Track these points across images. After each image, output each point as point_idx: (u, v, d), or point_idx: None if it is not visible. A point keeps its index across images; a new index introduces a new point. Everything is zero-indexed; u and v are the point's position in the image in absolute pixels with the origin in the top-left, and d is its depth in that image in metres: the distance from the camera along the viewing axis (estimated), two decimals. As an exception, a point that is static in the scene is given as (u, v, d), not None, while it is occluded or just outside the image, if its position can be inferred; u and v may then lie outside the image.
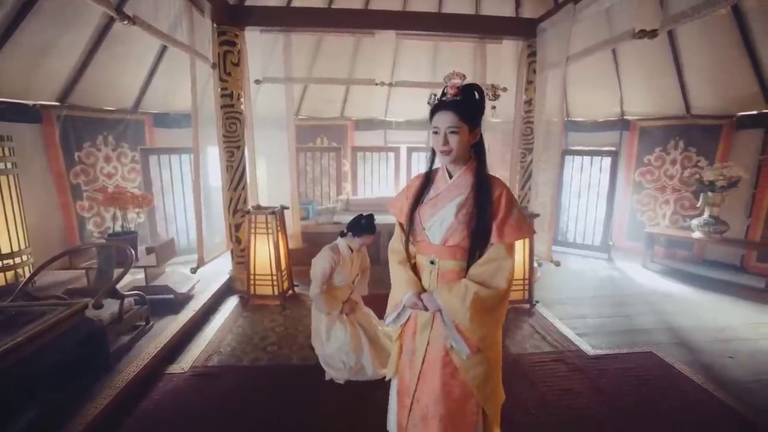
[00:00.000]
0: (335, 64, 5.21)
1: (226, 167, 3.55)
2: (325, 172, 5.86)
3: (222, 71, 3.42)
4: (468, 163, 1.35)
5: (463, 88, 1.29)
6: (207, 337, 2.87)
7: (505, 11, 4.38)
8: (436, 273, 1.38)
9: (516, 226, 1.30)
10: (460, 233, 1.31)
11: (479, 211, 1.29)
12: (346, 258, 2.46)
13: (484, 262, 1.31)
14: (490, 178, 1.34)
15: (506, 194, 1.31)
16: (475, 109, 1.30)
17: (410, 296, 1.37)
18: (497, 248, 1.30)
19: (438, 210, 1.36)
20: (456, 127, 1.26)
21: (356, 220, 2.43)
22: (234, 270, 3.76)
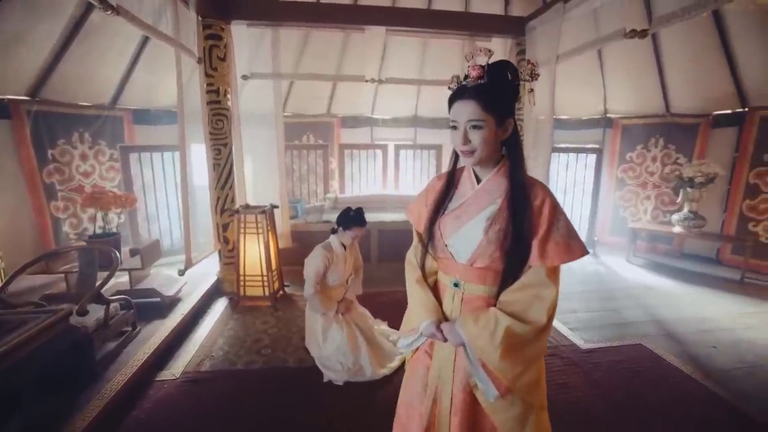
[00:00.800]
0: (322, 61, 5.13)
1: (213, 165, 3.44)
2: (312, 170, 5.78)
3: (208, 66, 3.31)
4: (500, 164, 1.10)
5: (489, 68, 1.01)
6: (197, 341, 2.78)
7: (494, 9, 4.41)
8: (460, 298, 1.15)
9: (563, 245, 1.02)
10: (490, 254, 1.06)
11: (515, 226, 1.03)
12: (340, 256, 2.43)
13: (518, 288, 1.06)
14: (529, 182, 1.07)
15: (550, 203, 1.04)
16: (504, 95, 1.03)
17: (428, 325, 1.15)
18: (536, 272, 1.04)
19: (463, 223, 1.11)
20: (479, 120, 1.00)
21: (344, 213, 2.40)
22: (222, 271, 3.66)
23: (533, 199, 1.05)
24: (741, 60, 3.95)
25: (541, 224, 1.03)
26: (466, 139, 1.03)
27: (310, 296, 2.40)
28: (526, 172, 1.08)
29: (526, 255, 1.04)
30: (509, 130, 1.06)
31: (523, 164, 1.08)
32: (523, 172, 1.07)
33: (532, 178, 1.09)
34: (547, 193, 1.07)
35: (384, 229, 4.49)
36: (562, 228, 1.04)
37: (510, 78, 1.03)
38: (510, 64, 1.04)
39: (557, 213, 1.05)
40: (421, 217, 1.24)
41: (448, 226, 1.14)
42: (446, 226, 1.15)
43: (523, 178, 1.06)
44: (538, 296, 1.03)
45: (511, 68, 1.03)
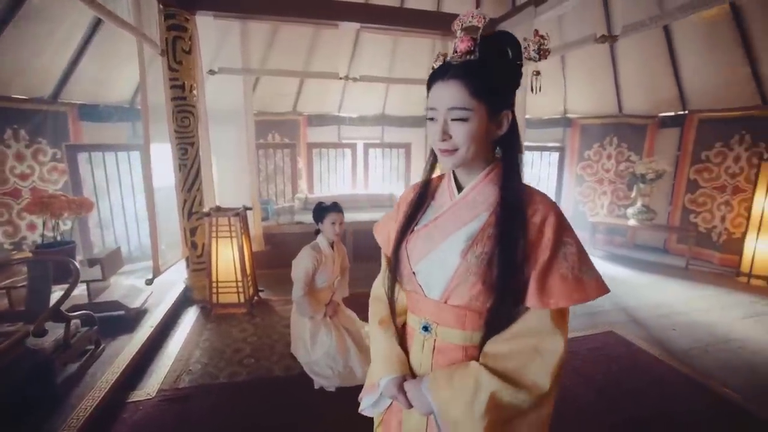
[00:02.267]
0: (290, 57, 4.97)
1: (179, 166, 3.20)
2: (279, 169, 5.59)
3: (171, 59, 3.07)
4: (489, 168, 0.84)
5: (482, 41, 0.76)
6: (171, 355, 2.58)
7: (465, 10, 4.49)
8: (431, 346, 0.87)
9: (572, 279, 0.75)
10: (470, 287, 0.79)
11: (504, 249, 0.76)
12: (328, 257, 2.36)
13: (510, 337, 0.79)
14: (527, 192, 0.81)
15: (554, 220, 0.77)
16: (501, 78, 0.77)
17: (388, 384, 0.88)
18: (537, 315, 0.78)
19: (436, 244, 0.84)
20: (464, 109, 0.75)
21: (316, 206, 2.37)
22: (191, 278, 3.43)
23: (531, 215, 0.77)
24: (684, 67, 4.33)
25: (541, 250, 0.76)
26: (445, 132, 0.78)
27: (299, 299, 2.30)
28: (522, 179, 0.82)
29: (518, 291, 0.77)
30: (504, 125, 0.80)
31: (519, 169, 0.82)
32: (519, 178, 0.81)
33: (532, 187, 0.83)
34: (551, 207, 0.79)
35: (359, 229, 4.43)
36: (571, 256, 0.76)
37: (510, 55, 0.77)
38: (511, 37, 0.79)
39: (565, 234, 0.77)
40: (390, 238, 0.97)
41: (418, 247, 0.87)
42: (414, 248, 0.87)
43: (518, 186, 0.80)
44: (538, 349, 0.76)
45: (512, 42, 0.78)
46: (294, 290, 2.32)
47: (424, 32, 3.87)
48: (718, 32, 3.82)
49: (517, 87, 0.81)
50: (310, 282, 2.33)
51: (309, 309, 2.31)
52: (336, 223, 2.32)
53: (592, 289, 0.76)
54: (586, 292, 0.75)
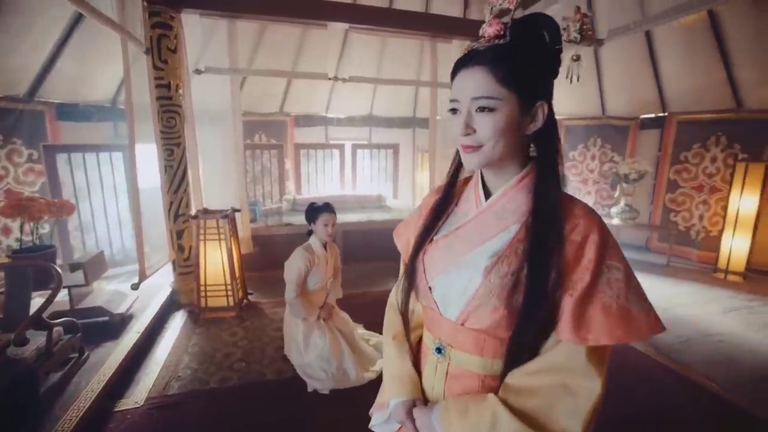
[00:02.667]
0: (277, 57, 4.91)
1: (165, 167, 3.13)
2: (266, 170, 5.52)
3: (156, 58, 3.00)
4: (524, 171, 0.73)
5: (514, 24, 0.68)
6: (159, 361, 2.51)
7: (453, 12, 4.53)
8: (444, 370, 0.78)
9: (617, 311, 0.63)
10: (492, 310, 0.69)
11: (534, 269, 0.66)
12: (321, 257, 2.35)
13: (537, 371, 0.68)
14: (566, 202, 0.70)
15: (597, 238, 0.66)
16: (535, 64, 0.68)
17: (397, 406, 0.82)
18: (570, 350, 0.66)
19: (456, 258, 0.74)
20: (491, 98, 0.66)
21: (309, 206, 2.36)
22: (177, 282, 3.35)
23: (569, 231, 0.66)
24: (664, 71, 4.47)
25: (579, 273, 0.65)
26: (468, 126, 0.68)
27: (292, 300, 2.28)
28: (560, 187, 0.70)
29: (549, 320, 0.66)
30: (540, 118, 0.69)
31: (558, 174, 0.70)
32: (556, 186, 0.70)
33: (572, 197, 0.72)
34: (595, 222, 0.67)
35: (349, 229, 4.42)
36: (617, 282, 0.64)
37: (547, 38, 0.67)
38: (548, 18, 0.68)
39: (610, 256, 0.66)
40: (410, 244, 0.87)
41: (434, 260, 0.78)
42: (432, 259, 0.79)
43: (555, 194, 0.69)
44: (569, 388, 0.65)
45: (549, 24, 0.68)
46: (287, 292, 2.29)
47: (413, 33, 3.88)
48: (696, 38, 3.96)
49: (555, 75, 0.72)
50: (302, 283, 2.31)
51: (302, 310, 2.29)
52: (329, 224, 2.30)
53: (642, 326, 0.63)
54: (634, 328, 0.63)
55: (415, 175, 6.96)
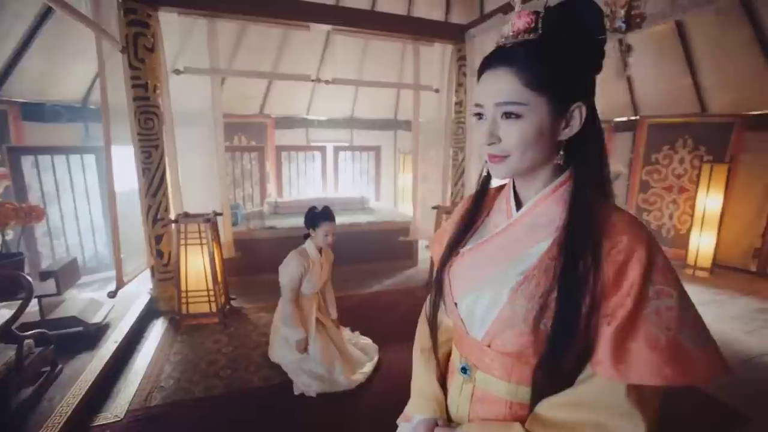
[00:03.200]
0: (258, 58, 4.83)
1: (143, 170, 3.01)
2: (246, 173, 5.41)
3: (133, 57, 2.89)
4: (560, 180, 0.66)
5: (547, 14, 0.59)
6: (139, 371, 2.41)
7: (434, 15, 4.58)
8: (469, 392, 0.73)
9: (665, 347, 0.54)
10: (518, 334, 0.62)
11: (566, 290, 0.58)
12: (316, 262, 2.31)
13: (570, 404, 0.61)
14: (609, 215, 0.61)
15: (644, 258, 0.56)
16: (571, 57, 0.59)
17: (420, 424, 0.78)
18: (609, 386, 0.58)
19: (481, 274, 0.69)
20: (517, 104, 0.59)
21: (310, 211, 2.29)
22: (156, 288, 3.23)
23: (611, 248, 0.58)
24: (636, 76, 4.67)
25: (620, 298, 0.56)
26: (492, 134, 0.62)
27: (288, 308, 2.24)
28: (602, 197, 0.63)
29: (583, 349, 0.59)
30: (576, 121, 0.61)
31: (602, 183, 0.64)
32: (597, 196, 0.62)
33: (617, 208, 0.63)
34: (641, 237, 0.58)
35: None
36: (667, 311, 0.55)
37: (587, 27, 0.59)
38: (589, 5, 0.59)
39: (659, 279, 0.56)
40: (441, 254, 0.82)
41: (460, 275, 0.73)
42: (457, 274, 0.73)
43: (595, 206, 0.61)
44: (607, 430, 0.57)
45: (589, 12, 0.59)
46: (282, 300, 2.26)
47: (395, 36, 3.90)
48: (665, 46, 4.16)
49: (597, 70, 0.63)
50: (296, 289, 2.27)
51: (292, 320, 2.24)
52: (329, 234, 2.25)
53: (699, 365, 0.54)
54: (688, 367, 0.53)
55: (397, 177, 7.00)
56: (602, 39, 0.61)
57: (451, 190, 4.41)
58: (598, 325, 0.57)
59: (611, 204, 0.63)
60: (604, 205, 0.62)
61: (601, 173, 0.64)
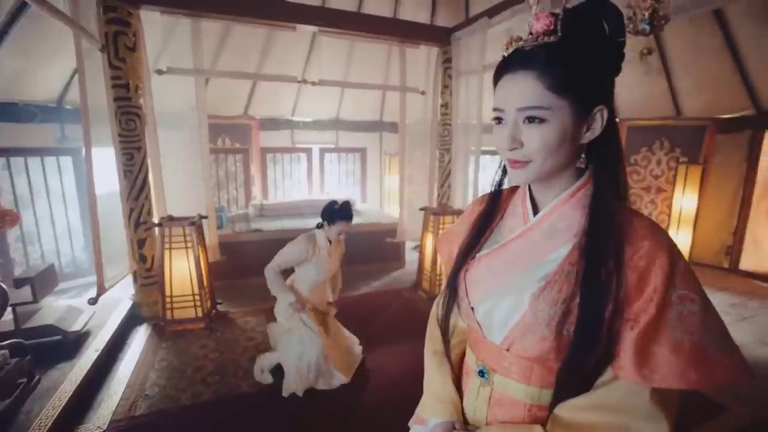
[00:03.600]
0: (242, 59, 4.76)
1: (125, 172, 2.93)
2: (231, 175, 5.32)
3: (113, 56, 2.81)
4: (578, 184, 0.65)
5: (566, 16, 0.59)
6: (122, 380, 2.34)
7: (420, 17, 4.61)
8: (487, 395, 0.73)
9: (688, 351, 0.55)
10: (540, 339, 0.62)
11: (589, 296, 0.58)
12: (323, 248, 2.27)
13: (592, 407, 0.61)
14: (630, 221, 0.61)
15: (667, 263, 0.57)
16: (593, 61, 0.59)
17: (437, 427, 0.78)
18: (631, 389, 0.59)
19: (499, 279, 0.69)
20: (540, 108, 0.59)
21: (329, 206, 2.25)
22: (139, 294, 3.14)
23: (633, 254, 0.58)
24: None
25: (643, 303, 0.57)
26: (515, 139, 0.61)
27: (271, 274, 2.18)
28: (622, 202, 0.63)
29: (605, 354, 0.59)
30: (598, 125, 0.61)
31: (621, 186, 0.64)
32: (617, 200, 0.62)
33: (638, 213, 0.62)
34: (663, 243, 0.58)
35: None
36: (690, 316, 0.55)
37: (608, 32, 0.59)
38: (610, 6, 0.59)
39: (683, 285, 0.56)
40: (452, 256, 0.80)
41: (477, 280, 0.72)
42: (474, 279, 0.72)
43: (616, 211, 0.61)
44: (630, 431, 0.58)
45: (609, 13, 0.59)
46: (269, 264, 2.21)
47: (382, 38, 3.91)
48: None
49: (617, 72, 0.63)
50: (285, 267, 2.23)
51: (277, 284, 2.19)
52: (342, 233, 2.24)
53: (722, 369, 0.54)
54: (712, 371, 0.54)
55: (383, 179, 7.00)
56: (622, 41, 0.61)
57: (438, 191, 4.44)
58: (620, 330, 0.58)
59: (630, 208, 0.63)
60: (624, 210, 0.62)
61: (619, 176, 0.64)
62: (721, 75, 3.99)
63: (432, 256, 3.67)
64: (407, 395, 1.05)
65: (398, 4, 4.79)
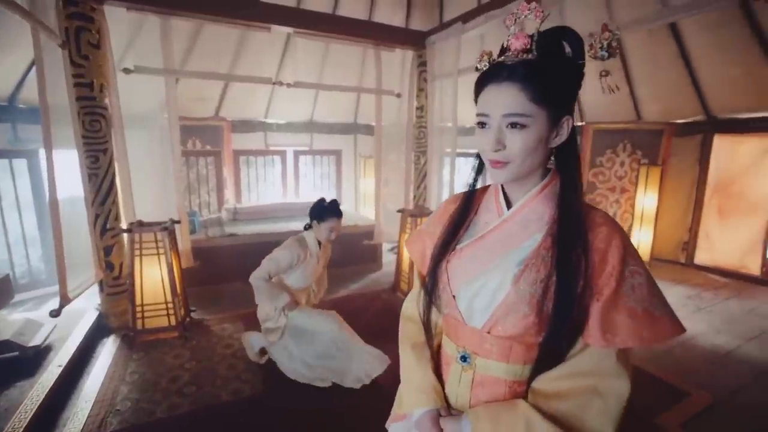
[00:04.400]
0: (215, 58, 4.63)
1: (89, 176, 2.77)
2: (202, 179, 5.15)
3: (75, 53, 2.66)
4: (545, 182, 0.75)
5: (541, 37, 0.69)
6: (89, 395, 2.20)
7: (395, 21, 4.65)
8: (469, 379, 0.79)
9: (642, 315, 0.66)
10: (522, 317, 0.70)
11: (564, 274, 0.68)
12: (313, 255, 2.23)
13: (566, 375, 0.70)
14: (589, 212, 0.72)
15: (619, 245, 0.68)
16: (562, 78, 0.69)
17: (423, 417, 0.80)
18: (599, 354, 0.69)
19: (482, 267, 0.76)
20: (523, 116, 0.67)
21: (318, 204, 2.22)
22: (106, 304, 2.97)
23: (593, 239, 0.69)
24: (580, 85, 5.04)
25: (605, 279, 0.67)
26: (499, 141, 0.69)
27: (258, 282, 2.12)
28: (583, 197, 0.73)
29: (578, 325, 0.68)
30: (565, 131, 0.71)
31: (580, 185, 0.73)
32: (579, 195, 0.72)
33: (593, 206, 0.74)
34: (616, 230, 0.70)
35: (297, 238, 4.28)
36: (639, 287, 0.67)
37: (572, 54, 0.70)
38: (573, 33, 0.70)
39: (632, 262, 0.68)
40: (425, 254, 0.88)
41: (460, 270, 0.78)
42: (456, 268, 0.79)
43: (579, 204, 0.71)
44: (599, 391, 0.67)
45: (573, 39, 0.70)
46: (256, 272, 2.13)
47: (358, 40, 3.92)
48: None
49: (578, 89, 0.73)
50: (275, 274, 2.18)
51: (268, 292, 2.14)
52: (334, 231, 2.19)
53: (666, 328, 0.66)
54: (659, 330, 0.65)
55: (358, 181, 6.99)
56: (583, 63, 0.72)
57: (414, 193, 4.49)
58: (589, 303, 0.68)
59: (586, 202, 0.75)
60: (584, 203, 0.73)
61: (578, 175, 0.74)
62: (676, 83, 4.28)
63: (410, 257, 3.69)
64: (389, 396, 1.05)
65: (373, 7, 4.82)
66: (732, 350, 2.78)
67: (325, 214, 2.16)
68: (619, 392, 0.67)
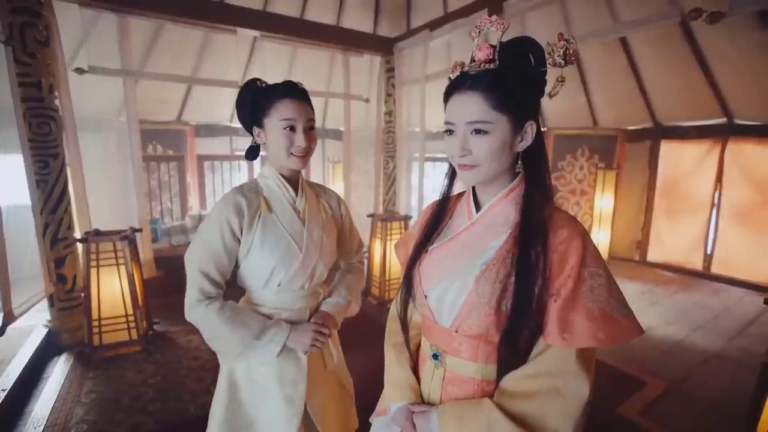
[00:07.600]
0: (176, 60, 4.46)
1: (37, 182, 2.58)
2: (164, 185, 4.94)
3: (20, 51, 2.48)
4: (512, 185, 0.77)
5: (503, 48, 0.71)
6: (39, 420, 2.03)
7: (363, 26, 4.69)
8: (441, 376, 0.82)
9: (599, 316, 0.66)
10: (484, 316, 0.72)
11: (522, 275, 0.69)
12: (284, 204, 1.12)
13: (530, 375, 0.72)
14: (552, 213, 0.74)
15: (579, 245, 0.69)
16: (524, 87, 0.72)
17: (398, 411, 0.84)
18: (560, 354, 0.70)
19: (448, 267, 0.78)
20: (485, 122, 0.70)
21: (247, 88, 1.15)
22: (58, 319, 2.77)
23: (554, 240, 0.70)
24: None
25: (563, 279, 0.68)
26: (464, 147, 0.72)
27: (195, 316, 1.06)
28: (547, 199, 0.75)
29: (536, 324, 0.70)
30: (529, 136, 0.74)
31: (547, 186, 0.76)
32: (544, 197, 0.74)
33: (559, 208, 0.76)
34: (578, 231, 0.71)
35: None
36: (599, 288, 0.68)
37: (533, 62, 0.72)
38: (533, 43, 0.73)
39: (592, 264, 0.69)
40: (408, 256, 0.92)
41: (430, 271, 0.82)
42: (427, 269, 0.83)
43: (542, 205, 0.74)
44: (561, 392, 0.69)
45: (534, 48, 0.72)
46: (187, 295, 1.07)
47: (326, 45, 3.92)
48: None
49: (541, 95, 0.75)
50: (226, 272, 1.08)
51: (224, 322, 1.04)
52: (297, 125, 1.05)
53: (623, 329, 0.67)
54: (615, 331, 0.66)
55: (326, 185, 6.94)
56: (544, 70, 0.74)
57: (383, 197, 4.51)
58: (547, 303, 0.69)
59: (553, 204, 0.77)
60: (548, 205, 0.75)
61: (546, 178, 0.77)
62: (627, 92, 4.59)
63: (381, 262, 3.67)
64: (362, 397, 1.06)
65: (342, 12, 4.84)
66: (681, 340, 2.99)
67: (263, 100, 1.07)
68: (579, 394, 0.68)
